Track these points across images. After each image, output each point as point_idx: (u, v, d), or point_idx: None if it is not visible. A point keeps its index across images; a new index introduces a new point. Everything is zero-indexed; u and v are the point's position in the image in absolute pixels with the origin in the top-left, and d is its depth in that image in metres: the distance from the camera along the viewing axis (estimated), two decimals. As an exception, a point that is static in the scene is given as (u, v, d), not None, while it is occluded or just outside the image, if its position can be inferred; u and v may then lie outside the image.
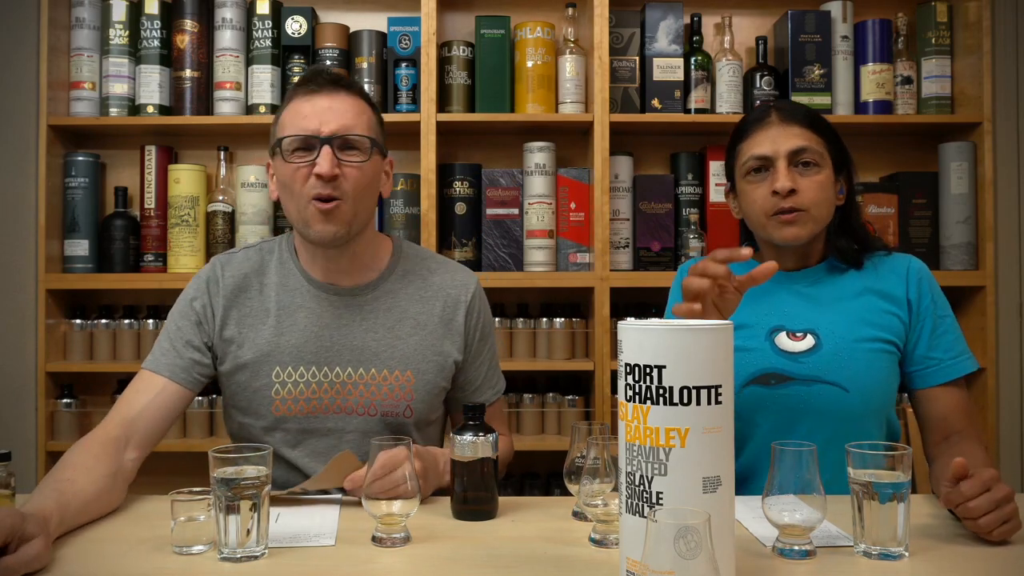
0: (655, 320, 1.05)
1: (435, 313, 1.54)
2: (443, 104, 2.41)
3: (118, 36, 2.41)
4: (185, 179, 2.40)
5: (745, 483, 1.48)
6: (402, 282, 1.56)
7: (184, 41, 2.41)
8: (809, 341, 1.48)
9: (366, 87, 2.40)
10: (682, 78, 2.42)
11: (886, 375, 1.47)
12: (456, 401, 1.60)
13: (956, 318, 1.54)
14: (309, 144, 1.42)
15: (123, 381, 2.44)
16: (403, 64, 2.41)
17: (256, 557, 1.08)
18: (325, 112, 1.42)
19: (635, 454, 0.92)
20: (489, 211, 2.42)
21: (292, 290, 1.52)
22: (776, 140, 1.48)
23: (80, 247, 2.40)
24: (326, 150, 1.40)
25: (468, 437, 1.27)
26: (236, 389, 1.50)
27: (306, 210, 1.43)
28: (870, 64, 2.44)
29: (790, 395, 1.45)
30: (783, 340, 1.49)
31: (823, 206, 1.48)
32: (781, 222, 1.47)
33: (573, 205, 2.41)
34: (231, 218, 2.43)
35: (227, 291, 1.51)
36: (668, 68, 2.42)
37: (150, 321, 2.44)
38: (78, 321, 2.44)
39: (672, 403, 0.90)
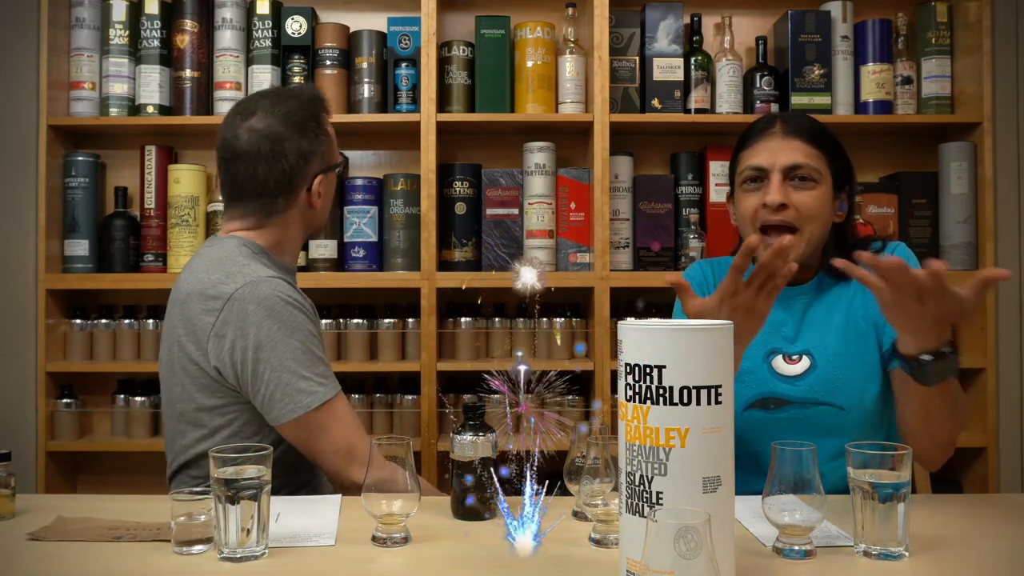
0: (655, 320, 1.05)
1: None
2: (443, 104, 2.41)
3: (118, 36, 2.41)
4: (185, 179, 2.40)
5: None
6: None
7: (184, 41, 2.41)
8: (805, 363, 1.49)
9: (366, 87, 2.41)
10: (682, 78, 2.42)
11: (882, 389, 1.47)
12: None
13: None
14: None
15: (123, 381, 2.45)
16: (403, 64, 2.41)
17: (256, 557, 1.08)
18: None
19: (635, 454, 0.92)
20: (489, 211, 2.42)
21: None
22: (775, 153, 1.47)
23: (80, 247, 2.40)
24: None
25: (468, 437, 1.27)
26: None
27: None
28: (870, 64, 2.44)
29: (789, 418, 1.46)
30: (780, 364, 1.50)
31: (815, 222, 1.46)
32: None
33: (573, 205, 2.41)
34: (231, 218, 2.43)
35: None
36: (668, 68, 2.42)
37: (150, 321, 2.44)
38: (78, 321, 2.44)
39: (672, 403, 0.90)
